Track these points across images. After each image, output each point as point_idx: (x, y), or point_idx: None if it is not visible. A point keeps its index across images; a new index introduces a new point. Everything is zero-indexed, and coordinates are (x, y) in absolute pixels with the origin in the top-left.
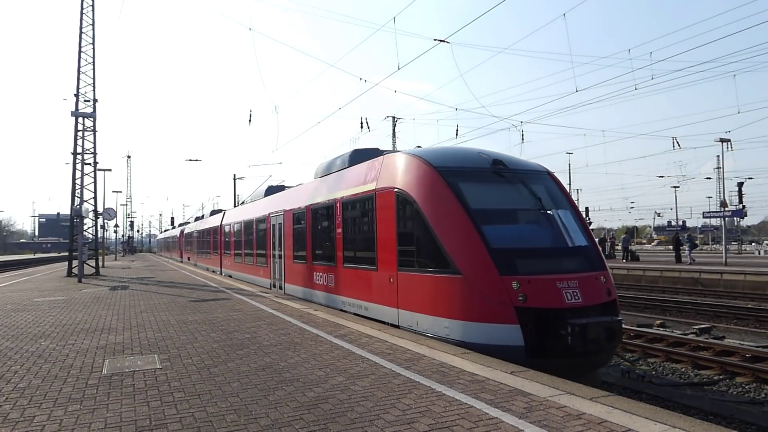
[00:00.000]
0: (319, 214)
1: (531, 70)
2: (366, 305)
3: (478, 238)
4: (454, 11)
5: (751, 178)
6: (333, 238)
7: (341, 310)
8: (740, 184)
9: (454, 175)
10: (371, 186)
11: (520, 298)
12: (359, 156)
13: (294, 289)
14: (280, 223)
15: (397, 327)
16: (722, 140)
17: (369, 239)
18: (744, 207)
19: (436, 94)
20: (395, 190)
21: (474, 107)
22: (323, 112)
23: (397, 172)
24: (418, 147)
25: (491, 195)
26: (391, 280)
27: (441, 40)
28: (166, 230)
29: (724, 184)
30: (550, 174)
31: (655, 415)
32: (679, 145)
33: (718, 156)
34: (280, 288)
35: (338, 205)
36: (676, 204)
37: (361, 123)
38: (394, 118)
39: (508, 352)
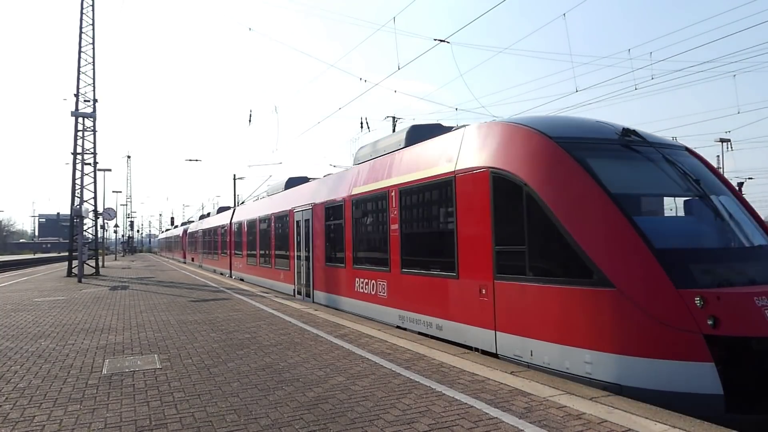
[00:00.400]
0: (364, 207)
1: (531, 70)
2: (439, 323)
3: (635, 234)
4: (454, 11)
5: (752, 178)
6: (385, 237)
7: (399, 327)
8: (740, 184)
9: (580, 148)
10: (447, 167)
11: (710, 323)
12: (419, 133)
13: (326, 297)
14: (307, 219)
15: (494, 355)
16: (722, 140)
17: (443, 237)
18: None
19: (436, 94)
20: (491, 170)
21: (474, 107)
22: (323, 112)
23: (494, 147)
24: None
25: (632, 175)
26: (483, 291)
27: (441, 40)
28: (167, 230)
29: None
30: (690, 151)
31: (655, 415)
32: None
33: (718, 156)
34: (307, 296)
35: (393, 194)
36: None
37: (361, 123)
38: (394, 118)
39: (694, 402)
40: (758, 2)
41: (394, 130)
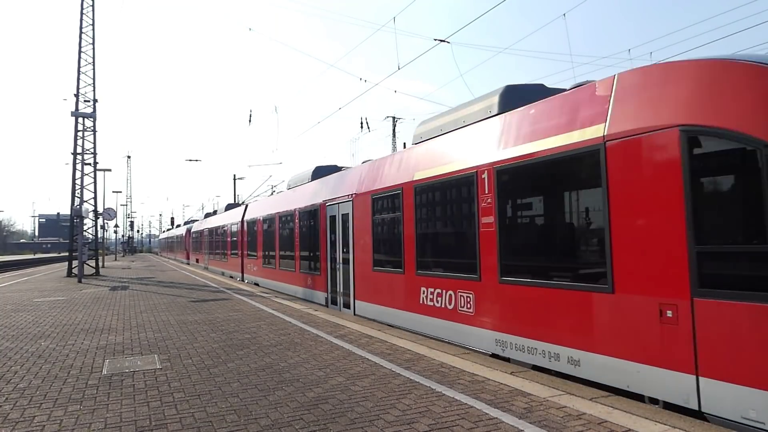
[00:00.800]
0: (432, 197)
1: (531, 70)
2: (574, 355)
3: None
4: (454, 11)
5: None
6: (471, 233)
7: (494, 355)
8: None
9: None
10: (590, 132)
11: None
12: (518, 95)
13: (373, 309)
14: (345, 214)
15: (697, 414)
16: None
17: (580, 232)
18: None
19: (436, 94)
20: (686, 128)
21: None
22: (323, 112)
23: (686, 95)
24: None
25: None
26: (670, 314)
27: (441, 40)
28: (168, 229)
29: None
30: None
31: (655, 415)
32: None
33: None
34: (346, 306)
35: (483, 176)
36: None
37: (361, 123)
38: (394, 118)
39: None
40: (758, 2)
41: (394, 130)
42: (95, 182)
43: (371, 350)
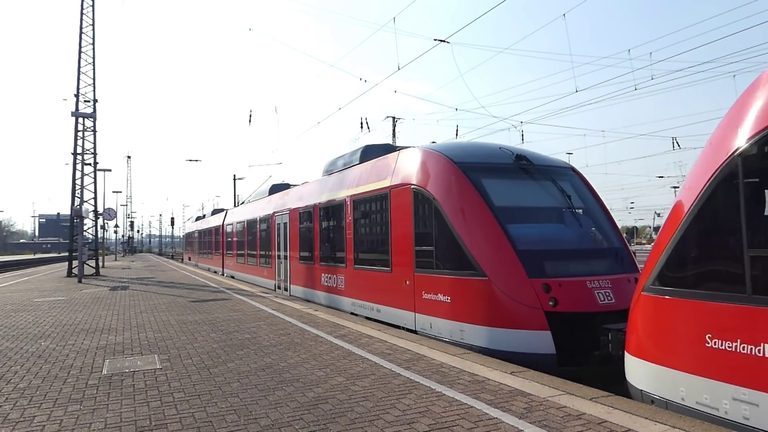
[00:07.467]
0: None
1: (531, 70)
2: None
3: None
4: (453, 11)
5: None
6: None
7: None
8: None
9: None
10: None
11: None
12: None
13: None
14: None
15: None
16: None
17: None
18: None
19: (435, 95)
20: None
21: (474, 107)
22: (323, 112)
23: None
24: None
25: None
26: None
27: (441, 40)
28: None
29: None
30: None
31: (655, 415)
32: (679, 145)
33: None
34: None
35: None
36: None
37: (361, 123)
38: (394, 118)
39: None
40: (758, 2)
41: (394, 130)
42: (95, 182)
43: (371, 350)
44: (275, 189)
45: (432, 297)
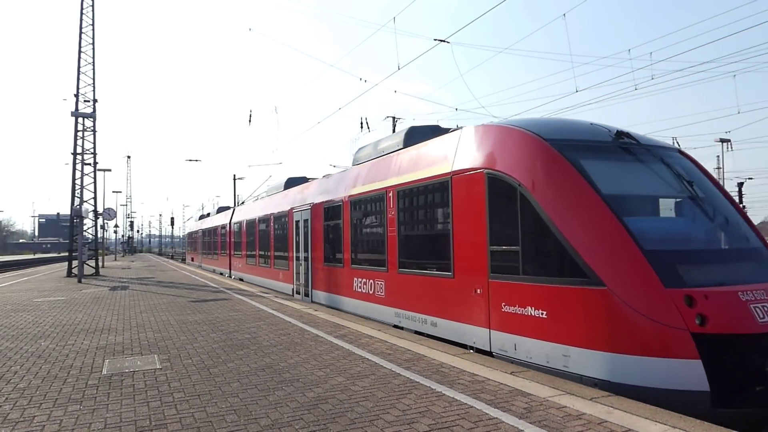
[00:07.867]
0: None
1: (531, 70)
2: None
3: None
4: (453, 11)
5: (751, 178)
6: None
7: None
8: (740, 185)
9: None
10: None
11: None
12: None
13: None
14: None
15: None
16: (722, 140)
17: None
18: (744, 207)
19: (435, 95)
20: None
21: (474, 107)
22: (323, 112)
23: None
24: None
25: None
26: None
27: (441, 40)
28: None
29: (724, 184)
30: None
31: (655, 415)
32: (678, 145)
33: (718, 156)
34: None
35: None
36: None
37: (361, 123)
38: (394, 118)
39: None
40: (758, 2)
41: (394, 130)
42: (95, 182)
43: (371, 350)
44: (291, 183)
45: (517, 310)
